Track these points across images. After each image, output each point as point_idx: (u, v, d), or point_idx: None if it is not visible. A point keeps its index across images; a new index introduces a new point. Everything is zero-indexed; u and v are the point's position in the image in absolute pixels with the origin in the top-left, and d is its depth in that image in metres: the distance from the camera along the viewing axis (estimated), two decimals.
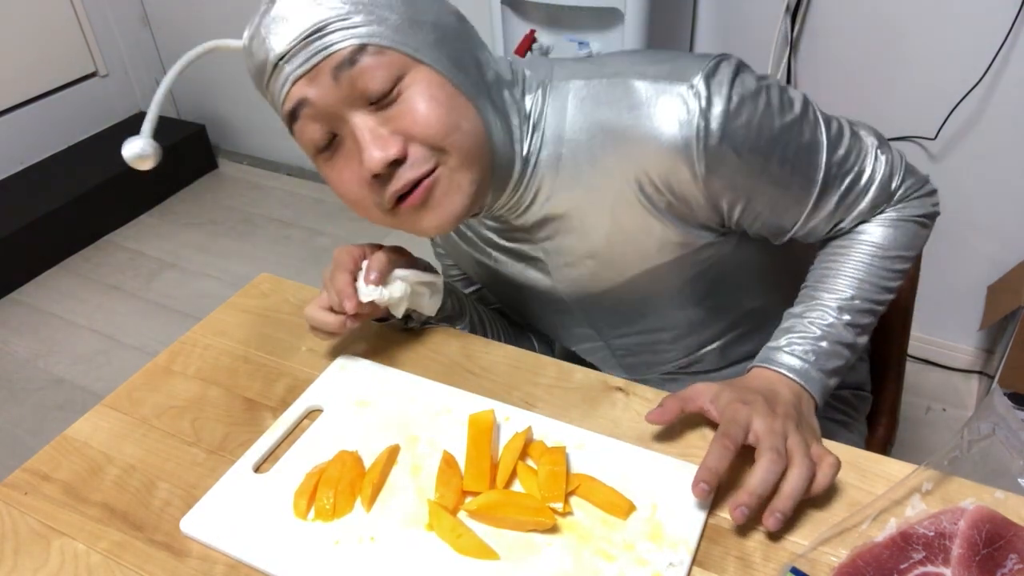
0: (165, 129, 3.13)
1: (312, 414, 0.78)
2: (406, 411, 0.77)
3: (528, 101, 0.72)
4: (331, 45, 0.63)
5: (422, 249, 0.88)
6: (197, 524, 0.68)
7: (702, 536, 0.63)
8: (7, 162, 2.52)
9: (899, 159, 0.77)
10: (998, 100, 1.48)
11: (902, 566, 0.57)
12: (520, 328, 1.03)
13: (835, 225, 0.77)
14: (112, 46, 2.68)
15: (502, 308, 1.02)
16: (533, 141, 0.73)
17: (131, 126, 2.76)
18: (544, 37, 1.57)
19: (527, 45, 1.56)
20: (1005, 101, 1.47)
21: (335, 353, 0.85)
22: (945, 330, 1.80)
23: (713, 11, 1.67)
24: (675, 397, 0.68)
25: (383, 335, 0.87)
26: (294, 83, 0.64)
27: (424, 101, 0.64)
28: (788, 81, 1.65)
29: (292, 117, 0.66)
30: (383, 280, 0.77)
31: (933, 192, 0.80)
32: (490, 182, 0.71)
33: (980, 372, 1.79)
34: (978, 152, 1.55)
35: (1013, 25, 1.38)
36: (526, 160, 0.73)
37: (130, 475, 0.74)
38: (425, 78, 0.65)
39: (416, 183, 0.67)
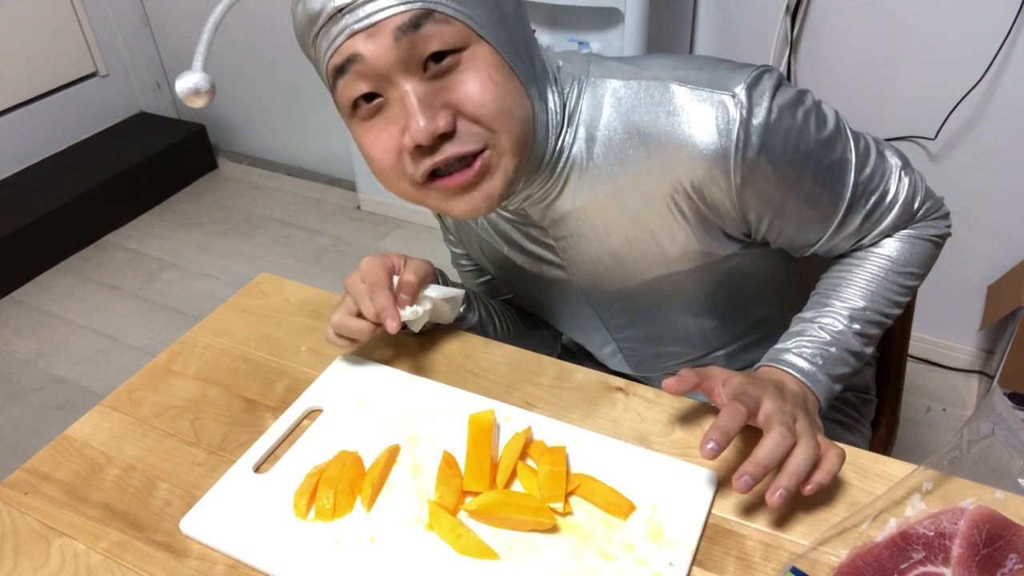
0: (165, 129, 3.10)
1: (312, 414, 0.78)
2: (406, 411, 0.77)
3: (564, 94, 0.72)
4: (397, 4, 0.60)
5: (433, 242, 0.88)
6: (197, 524, 0.68)
7: (702, 536, 0.64)
8: (7, 162, 2.51)
9: (921, 181, 0.78)
10: (998, 100, 1.48)
11: (902, 566, 0.57)
12: (531, 319, 1.03)
13: (856, 242, 0.78)
14: (112, 46, 2.68)
15: (513, 299, 1.02)
16: (566, 136, 0.72)
17: (131, 126, 2.77)
18: (544, 37, 1.57)
19: None
20: (1005, 101, 1.47)
21: (335, 353, 0.85)
22: (945, 330, 1.80)
23: (713, 11, 1.67)
24: (693, 371, 0.68)
25: (383, 335, 0.87)
26: (350, 36, 0.61)
27: (482, 79, 0.62)
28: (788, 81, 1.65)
29: (339, 71, 0.63)
30: (413, 302, 0.78)
31: (947, 215, 0.81)
32: (527, 168, 0.70)
33: (980, 372, 1.79)
34: (978, 152, 1.55)
35: (1013, 25, 1.38)
36: (558, 153, 0.72)
37: (130, 475, 0.74)
38: (485, 56, 0.63)
39: (459, 159, 0.64)
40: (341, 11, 0.61)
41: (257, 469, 0.72)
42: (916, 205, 0.77)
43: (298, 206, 2.62)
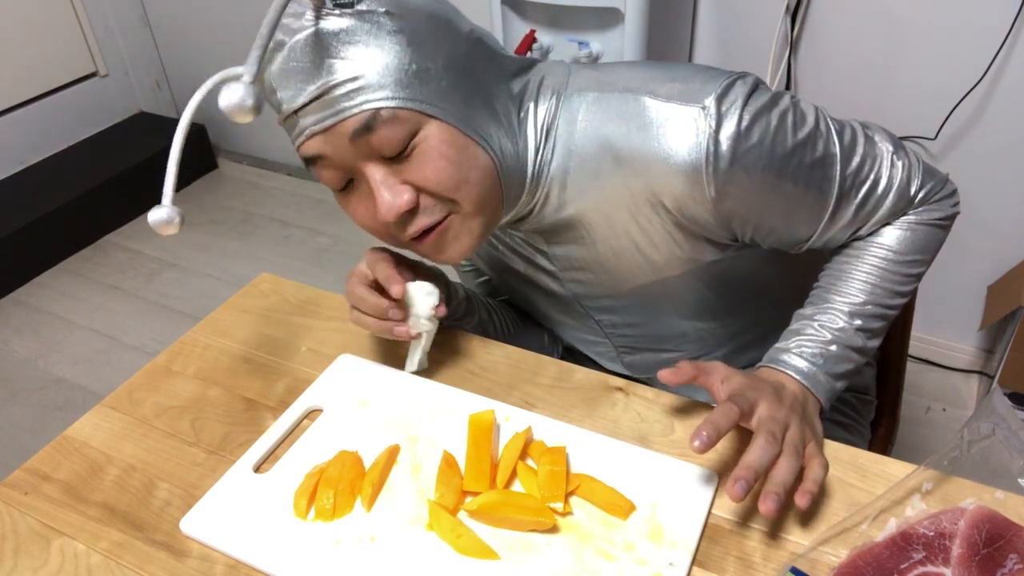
0: (165, 129, 3.09)
1: (312, 414, 0.78)
2: (406, 411, 0.77)
3: (542, 110, 0.72)
4: (345, 109, 0.63)
5: None
6: (197, 524, 0.68)
7: (702, 536, 0.64)
8: (7, 162, 2.51)
9: (917, 163, 0.76)
10: (998, 100, 1.48)
11: (902, 566, 0.57)
12: (530, 319, 1.03)
13: (853, 233, 0.76)
14: (112, 46, 2.68)
15: (511, 299, 1.02)
16: (545, 150, 0.72)
17: (131, 126, 2.77)
18: (544, 37, 1.57)
19: (527, 45, 1.56)
20: (1005, 101, 1.47)
21: (335, 353, 0.85)
22: (945, 330, 1.79)
23: (713, 11, 1.67)
24: (691, 364, 0.68)
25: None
26: (310, 137, 0.65)
27: (435, 159, 0.65)
28: (788, 81, 1.65)
29: (309, 162, 0.67)
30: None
31: (953, 192, 0.79)
32: (503, 208, 0.72)
33: (980, 372, 1.79)
34: (978, 152, 1.55)
35: (1013, 25, 1.38)
36: (539, 169, 0.73)
37: (130, 475, 0.74)
38: (436, 134, 0.65)
39: (429, 228, 0.69)
40: (297, 113, 0.64)
41: (257, 469, 0.72)
42: (913, 190, 0.75)
43: (298, 206, 2.62)
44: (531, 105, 0.72)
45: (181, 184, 2.75)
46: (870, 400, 1.02)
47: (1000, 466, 0.62)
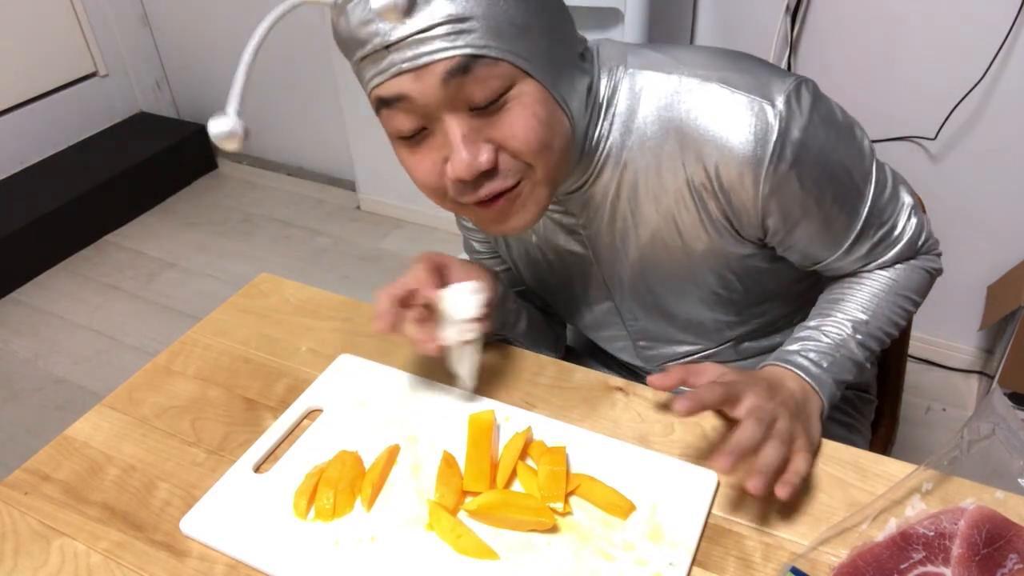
0: (165, 129, 3.07)
1: (312, 414, 0.78)
2: (406, 411, 0.77)
3: (603, 84, 0.71)
4: (444, 49, 0.59)
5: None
6: (197, 524, 0.68)
7: (702, 536, 0.64)
8: (7, 162, 2.51)
9: (926, 222, 0.80)
10: (998, 100, 1.48)
11: (902, 566, 0.57)
12: (546, 319, 1.02)
13: (859, 268, 0.80)
14: (112, 46, 2.68)
15: (526, 292, 0.99)
16: (603, 125, 0.72)
17: (131, 126, 2.77)
18: None
19: None
20: (1005, 101, 1.47)
21: (335, 353, 0.85)
22: (945, 330, 1.79)
23: (713, 11, 1.67)
24: (682, 367, 0.68)
25: (383, 335, 0.87)
26: (398, 74, 0.61)
27: (526, 117, 0.63)
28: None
29: (385, 104, 0.63)
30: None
31: (940, 254, 0.83)
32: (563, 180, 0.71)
33: (980, 372, 1.79)
34: (978, 152, 1.55)
35: (1013, 25, 1.38)
36: (594, 145, 0.72)
37: (130, 475, 0.74)
38: (531, 92, 0.63)
39: (498, 194, 0.66)
40: (389, 47, 0.60)
41: (257, 469, 0.72)
42: (920, 243, 0.79)
43: (298, 206, 2.62)
44: (594, 76, 0.71)
45: (180, 184, 2.75)
46: (871, 399, 1.02)
47: (1000, 466, 0.62)
